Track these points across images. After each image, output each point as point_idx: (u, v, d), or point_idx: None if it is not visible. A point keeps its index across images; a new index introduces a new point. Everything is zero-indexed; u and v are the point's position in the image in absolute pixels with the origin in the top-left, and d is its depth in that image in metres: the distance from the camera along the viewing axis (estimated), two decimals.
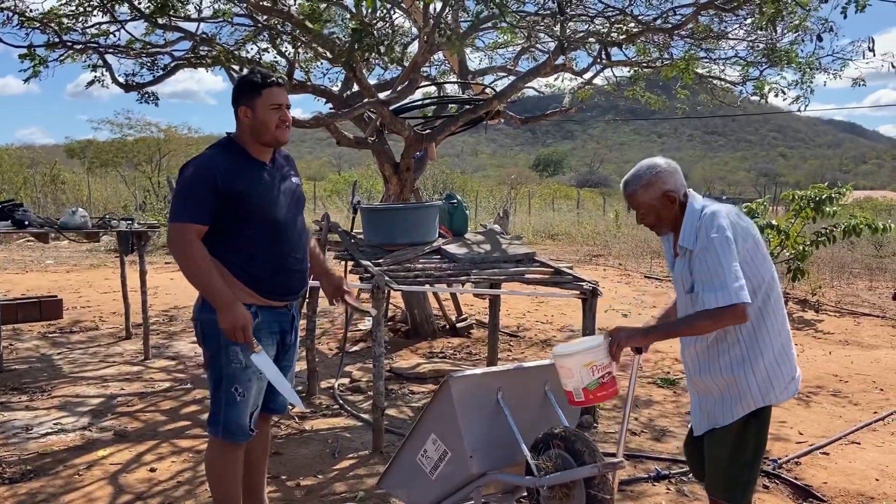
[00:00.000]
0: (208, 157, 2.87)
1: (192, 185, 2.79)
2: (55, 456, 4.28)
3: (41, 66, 6.43)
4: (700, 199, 2.63)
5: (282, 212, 2.94)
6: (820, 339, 8.13)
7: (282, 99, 2.89)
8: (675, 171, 2.64)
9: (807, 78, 7.44)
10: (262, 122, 2.87)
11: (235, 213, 2.82)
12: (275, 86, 2.88)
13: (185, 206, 2.78)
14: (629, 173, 2.70)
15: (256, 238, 2.87)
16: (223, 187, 2.78)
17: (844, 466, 4.30)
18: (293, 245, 2.99)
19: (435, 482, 2.97)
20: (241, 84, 2.93)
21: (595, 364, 2.67)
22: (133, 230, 6.45)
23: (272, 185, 2.94)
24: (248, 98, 2.87)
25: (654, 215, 2.65)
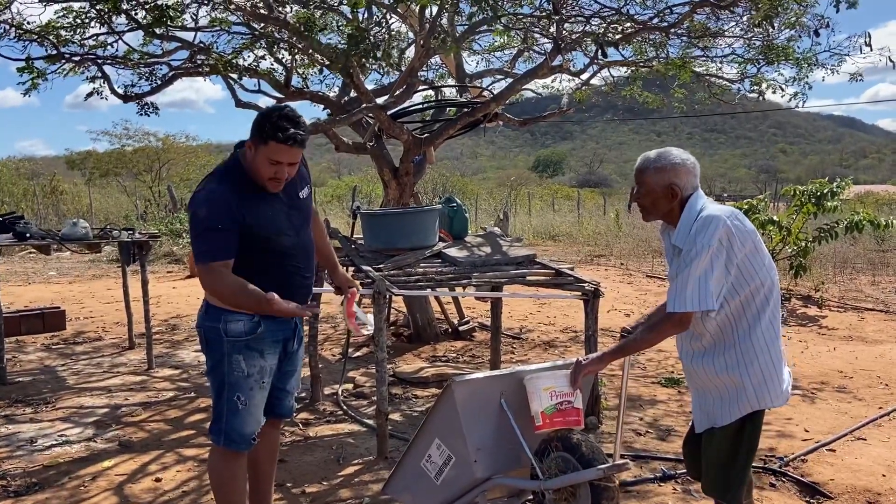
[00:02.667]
0: (219, 193, 2.80)
1: (211, 225, 2.76)
2: (60, 468, 4.28)
3: (39, 78, 6.43)
4: (703, 201, 2.63)
5: (289, 238, 2.94)
6: (824, 335, 8.11)
7: (284, 157, 2.80)
8: (691, 171, 2.65)
9: (804, 74, 7.44)
10: (256, 168, 2.83)
11: (244, 243, 2.81)
12: (282, 143, 2.76)
13: (210, 247, 2.77)
14: (654, 152, 2.73)
15: (262, 264, 2.87)
16: (238, 223, 2.78)
17: (851, 463, 4.29)
18: (299, 265, 2.99)
19: (440, 487, 2.97)
20: (259, 120, 2.83)
21: (555, 390, 2.75)
22: (134, 240, 6.46)
23: (277, 215, 2.91)
24: (257, 138, 2.81)
25: (651, 200, 2.67)
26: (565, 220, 24.73)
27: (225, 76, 6.53)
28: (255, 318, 2.87)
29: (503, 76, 8.69)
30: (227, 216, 2.75)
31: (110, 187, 28.35)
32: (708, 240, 2.46)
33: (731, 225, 2.49)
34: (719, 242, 2.47)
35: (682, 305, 2.48)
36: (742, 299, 2.55)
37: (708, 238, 2.46)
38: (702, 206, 2.58)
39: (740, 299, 2.55)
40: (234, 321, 2.86)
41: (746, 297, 2.55)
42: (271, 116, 2.80)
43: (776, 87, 7.76)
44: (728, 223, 2.49)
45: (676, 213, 2.65)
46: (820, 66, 7.59)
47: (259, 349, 2.90)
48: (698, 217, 2.54)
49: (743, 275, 2.53)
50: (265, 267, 2.86)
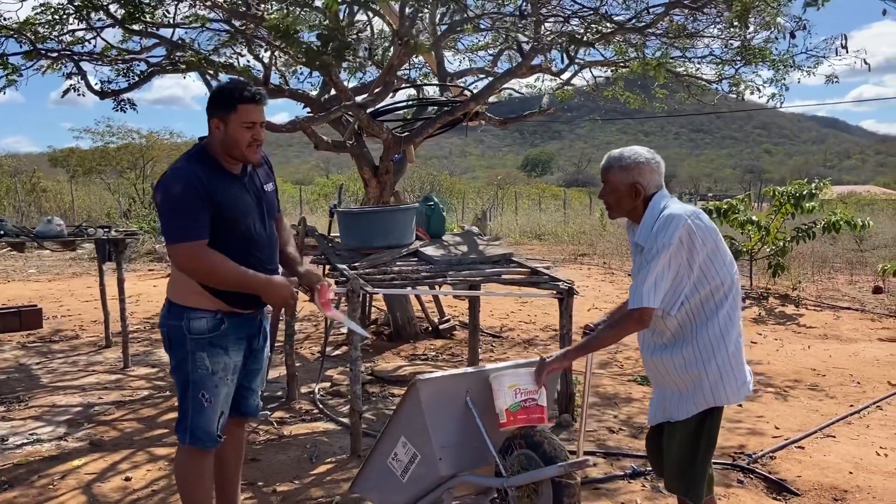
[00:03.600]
0: (190, 170, 2.80)
1: (184, 202, 2.74)
2: (30, 466, 4.25)
3: (15, 74, 6.38)
4: (666, 200, 2.65)
5: (255, 225, 2.92)
6: (800, 334, 8.18)
7: (256, 116, 2.82)
8: (655, 170, 2.67)
9: (780, 75, 7.50)
10: (232, 139, 2.81)
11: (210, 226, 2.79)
12: (251, 102, 2.80)
13: (185, 224, 2.74)
14: (617, 150, 2.76)
15: (227, 251, 2.83)
16: (211, 201, 2.76)
17: (819, 460, 4.34)
18: (263, 256, 2.97)
19: (406, 485, 2.98)
20: (217, 95, 2.86)
21: (519, 387, 2.78)
22: (110, 238, 6.42)
23: (245, 199, 2.91)
24: (222, 111, 2.81)
25: (616, 197, 2.71)
26: (551, 219, 24.81)
27: (202, 73, 6.50)
28: (217, 314, 2.86)
29: (485, 75, 8.71)
30: (201, 192, 2.73)
31: (94, 185, 28.15)
32: (668, 238, 2.48)
33: (691, 224, 2.51)
34: (679, 241, 2.49)
35: (639, 302, 2.50)
36: (702, 297, 2.57)
37: (668, 237, 2.48)
38: (664, 205, 2.61)
39: (700, 297, 2.57)
40: (196, 319, 2.85)
41: (706, 295, 2.57)
42: (227, 86, 2.89)
43: (753, 87, 7.82)
44: (689, 222, 2.51)
45: (640, 211, 2.67)
46: (796, 68, 7.64)
47: (223, 346, 2.89)
48: (660, 216, 2.56)
49: (704, 273, 2.55)
50: (231, 254, 2.83)
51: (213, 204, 2.76)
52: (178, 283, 2.89)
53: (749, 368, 2.73)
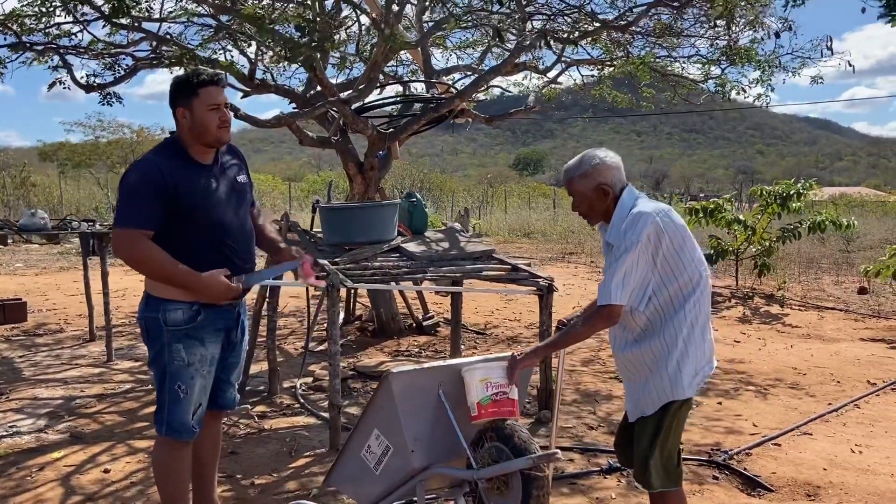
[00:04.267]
0: (152, 161, 2.83)
1: (137, 190, 2.76)
2: (7, 458, 4.25)
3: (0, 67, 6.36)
4: (633, 197, 2.68)
5: (226, 215, 2.93)
6: (783, 333, 8.24)
7: (220, 98, 2.86)
8: (615, 167, 2.70)
9: (766, 76, 7.55)
10: (201, 124, 2.84)
11: (178, 218, 2.80)
12: (211, 85, 2.84)
13: (130, 212, 2.77)
14: (572, 161, 2.79)
15: (200, 242, 2.86)
16: (167, 192, 2.76)
17: (795, 457, 4.38)
18: (238, 247, 2.98)
19: (379, 477, 2.99)
20: (177, 84, 2.89)
21: (490, 381, 2.80)
22: (94, 231, 6.41)
23: (216, 189, 2.92)
24: (185, 99, 2.84)
25: (587, 205, 2.73)
26: (541, 217, 24.86)
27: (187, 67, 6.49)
28: (194, 306, 2.87)
29: (472, 73, 8.72)
30: (157, 183, 2.75)
31: (84, 179, 28.03)
32: (636, 236, 2.51)
33: (659, 221, 2.54)
34: (647, 238, 2.52)
35: (608, 299, 2.53)
36: (670, 293, 2.60)
37: (636, 234, 2.51)
38: (633, 204, 2.63)
39: (669, 293, 2.60)
40: (172, 310, 2.86)
41: (674, 291, 2.60)
42: (185, 74, 2.92)
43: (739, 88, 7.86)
44: (657, 220, 2.54)
45: (612, 212, 2.70)
46: (782, 69, 7.70)
47: (199, 338, 2.90)
48: (629, 213, 2.59)
49: (671, 269, 2.58)
50: (200, 244, 2.85)
51: (176, 194, 2.77)
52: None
53: (714, 363, 2.76)
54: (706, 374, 2.71)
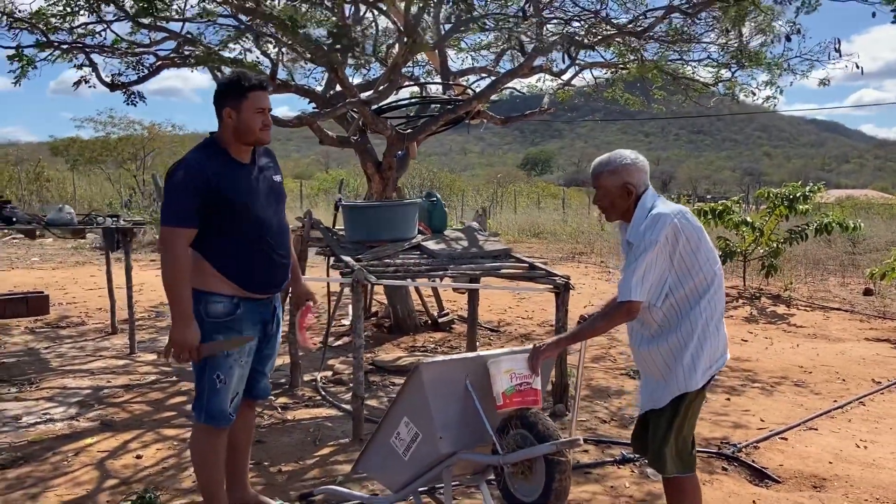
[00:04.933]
0: (197, 161, 2.99)
1: (182, 189, 2.92)
2: (44, 444, 4.43)
3: (29, 66, 6.53)
4: (653, 199, 2.83)
5: (265, 211, 3.10)
6: (789, 333, 8.37)
7: (265, 103, 3.04)
8: (642, 169, 2.85)
9: (775, 78, 7.68)
10: (246, 125, 3.00)
11: (222, 214, 2.96)
12: (259, 89, 3.01)
13: (176, 210, 2.93)
14: (604, 156, 2.94)
15: (242, 237, 3.02)
16: (211, 190, 2.92)
17: (801, 451, 4.53)
18: (276, 241, 3.15)
19: (408, 463, 3.15)
20: (227, 85, 3.05)
21: (514, 372, 2.95)
22: (118, 227, 6.59)
23: (256, 187, 3.09)
24: (233, 100, 2.99)
25: (610, 200, 2.88)
26: (550, 218, 24.97)
27: (211, 67, 6.66)
28: (234, 299, 3.04)
29: (487, 74, 8.87)
30: (202, 182, 2.90)
31: (94, 175, 28.27)
32: (655, 236, 2.66)
33: (677, 222, 2.70)
34: (665, 238, 2.67)
35: (628, 295, 2.68)
36: (686, 290, 2.75)
37: (656, 234, 2.67)
38: (652, 205, 2.79)
39: (685, 291, 2.75)
40: (213, 303, 3.02)
41: (690, 289, 2.75)
42: (235, 77, 3.06)
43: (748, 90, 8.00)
44: (675, 221, 2.70)
45: (632, 211, 2.85)
46: (790, 72, 7.82)
47: (238, 329, 3.07)
48: (649, 214, 2.75)
49: (687, 268, 2.74)
50: (242, 240, 3.01)
51: (218, 192, 2.93)
52: (197, 269, 3.04)
53: (726, 356, 2.91)
54: (719, 366, 2.86)
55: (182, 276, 2.92)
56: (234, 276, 3.03)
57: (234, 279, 3.03)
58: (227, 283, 3.03)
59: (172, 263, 2.92)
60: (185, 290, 2.92)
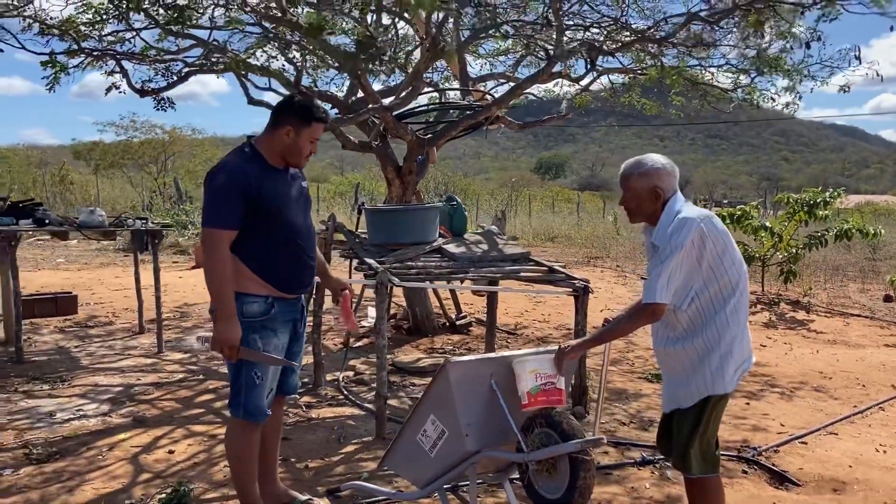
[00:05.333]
0: (237, 165, 3.13)
1: (225, 192, 3.06)
2: (78, 439, 4.56)
3: (62, 73, 6.71)
4: (680, 203, 2.91)
5: (297, 215, 3.26)
6: (809, 339, 8.39)
7: (319, 134, 3.25)
8: (672, 174, 2.93)
9: (794, 84, 7.71)
10: (298, 148, 3.19)
11: (258, 216, 3.10)
12: (321, 122, 3.22)
13: (219, 212, 3.06)
14: (634, 158, 3.03)
15: (275, 238, 3.17)
16: (251, 193, 3.06)
17: (821, 455, 4.57)
18: (305, 244, 3.29)
19: (434, 459, 3.25)
20: (297, 107, 3.21)
21: (539, 371, 3.05)
22: (147, 229, 6.74)
23: (288, 192, 3.25)
24: (298, 123, 3.16)
25: (637, 203, 2.97)
26: (565, 222, 25.03)
27: (238, 74, 6.81)
28: (269, 299, 3.17)
29: (506, 80, 8.96)
30: (243, 185, 3.05)
31: (116, 178, 28.64)
32: (682, 239, 2.74)
33: (703, 227, 2.77)
34: (691, 243, 2.75)
35: (652, 297, 2.76)
36: (711, 294, 2.83)
37: (682, 238, 2.74)
38: (679, 209, 2.86)
39: (710, 294, 2.83)
40: (249, 303, 3.14)
41: (715, 292, 2.83)
42: (307, 103, 3.23)
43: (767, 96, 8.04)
44: (701, 225, 2.77)
45: (658, 214, 2.93)
46: (810, 78, 7.85)
47: (273, 328, 3.20)
48: (675, 218, 2.82)
49: (713, 272, 2.81)
50: (278, 240, 3.16)
51: (257, 196, 3.07)
52: (233, 271, 3.15)
53: (752, 359, 2.98)
54: (745, 369, 2.93)
55: (226, 277, 3.04)
56: (268, 277, 3.16)
57: (268, 280, 3.16)
58: (261, 284, 3.15)
59: (217, 264, 3.05)
60: (229, 290, 3.05)
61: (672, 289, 2.76)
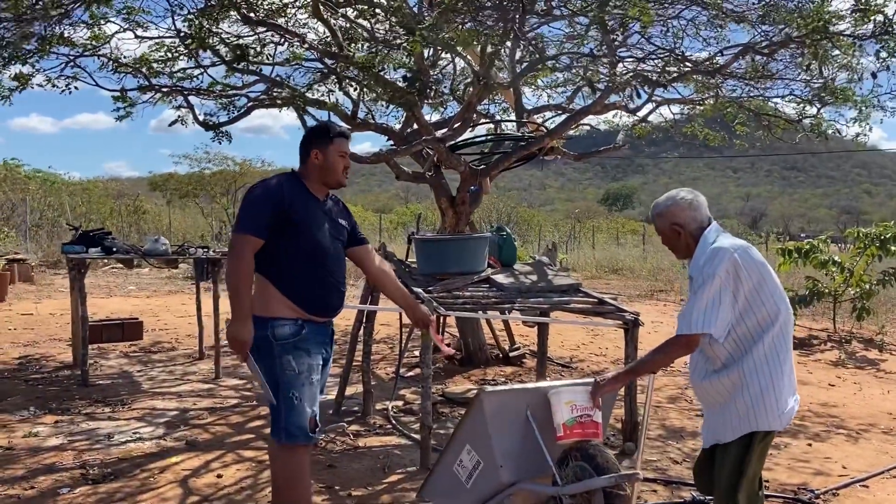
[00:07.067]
0: (276, 182, 3.32)
1: (258, 203, 3.23)
2: (133, 461, 4.71)
3: (131, 107, 7.07)
4: (716, 235, 2.85)
5: (324, 240, 3.34)
6: (881, 379, 7.99)
7: (346, 148, 3.40)
8: (688, 208, 2.88)
9: (864, 115, 7.46)
10: (331, 166, 3.34)
11: (286, 234, 3.22)
12: (343, 136, 3.39)
13: (248, 220, 3.21)
14: (661, 198, 2.99)
15: (301, 258, 3.26)
16: (283, 208, 3.20)
17: (882, 499, 4.34)
18: (332, 268, 3.37)
19: (470, 490, 3.23)
20: (317, 130, 3.46)
21: (575, 404, 3.01)
22: (208, 257, 6.96)
23: (320, 216, 3.36)
24: (321, 144, 3.35)
25: (666, 241, 2.97)
26: (629, 254, 24.62)
27: (298, 108, 7.03)
28: (298, 321, 3.24)
29: (561, 112, 8.96)
30: (277, 199, 3.19)
31: (189, 208, 29.71)
32: (713, 270, 2.69)
33: (737, 257, 2.71)
34: (726, 272, 2.69)
35: (687, 328, 2.71)
36: (749, 326, 2.75)
37: (713, 268, 2.69)
38: (714, 240, 2.81)
39: (747, 326, 2.75)
40: (279, 326, 3.22)
41: (753, 325, 2.75)
42: (323, 125, 3.53)
43: (835, 127, 7.80)
44: (735, 256, 2.71)
45: (693, 248, 2.88)
46: (880, 108, 7.59)
47: (305, 349, 3.26)
48: (709, 249, 2.77)
49: (749, 304, 2.73)
50: (306, 261, 3.25)
51: (289, 212, 3.21)
52: (261, 295, 3.27)
53: (797, 398, 2.86)
54: (793, 410, 2.81)
55: (245, 279, 3.16)
56: (296, 298, 3.25)
57: (296, 301, 3.25)
58: (290, 307, 3.24)
59: (237, 266, 3.17)
60: (245, 292, 3.16)
61: (707, 318, 2.68)
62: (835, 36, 6.01)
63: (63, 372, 7.15)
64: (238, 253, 3.18)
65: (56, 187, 24.28)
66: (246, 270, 3.17)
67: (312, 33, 7.72)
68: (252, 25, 7.11)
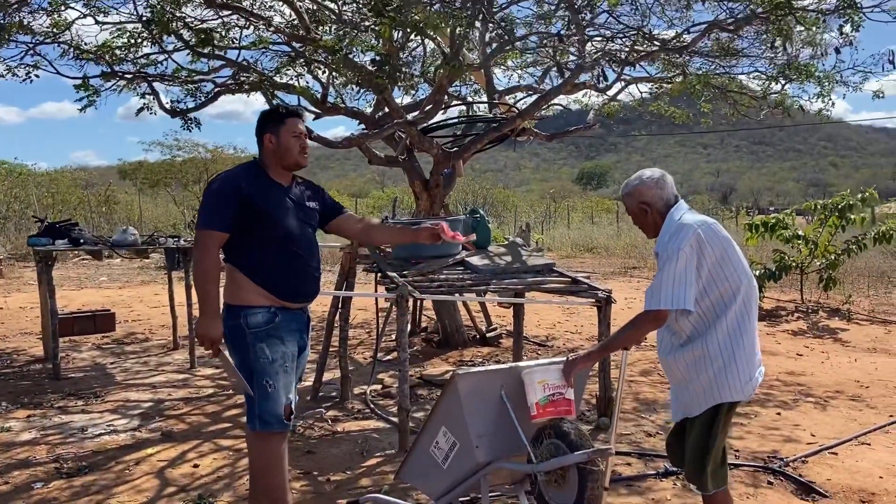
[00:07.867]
0: (233, 173, 3.29)
1: (217, 196, 3.19)
2: (107, 454, 4.68)
3: (95, 95, 6.93)
4: (682, 212, 2.89)
5: (293, 225, 3.30)
6: (847, 347, 8.18)
7: (301, 128, 3.32)
8: (654, 187, 2.92)
9: (826, 91, 7.56)
10: (285, 148, 3.27)
11: (253, 226, 3.19)
12: (295, 116, 3.32)
13: (209, 215, 3.18)
14: (626, 179, 3.03)
15: (273, 248, 3.23)
16: (243, 198, 3.16)
17: (851, 465, 4.45)
18: (304, 253, 3.33)
19: (447, 471, 3.25)
20: (267, 114, 3.36)
21: (547, 382, 3.03)
22: (179, 247, 6.90)
23: (285, 203, 3.31)
24: (273, 127, 3.28)
25: (636, 220, 3.01)
26: (604, 232, 24.81)
27: (266, 92, 6.95)
28: (271, 309, 3.22)
29: (532, 92, 8.97)
30: (235, 191, 3.16)
31: (160, 197, 29.31)
32: (678, 245, 2.73)
33: (701, 232, 2.75)
34: (690, 247, 2.73)
35: (655, 304, 2.74)
36: (712, 300, 2.80)
37: (678, 243, 2.73)
38: (679, 217, 2.85)
39: (710, 300, 2.80)
40: (252, 314, 3.20)
41: (716, 298, 2.79)
42: (274, 107, 3.44)
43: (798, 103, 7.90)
44: (699, 231, 2.75)
45: (660, 226, 2.92)
46: (843, 84, 7.69)
47: (279, 336, 3.24)
48: (673, 226, 2.81)
49: (713, 277, 2.78)
50: (277, 249, 3.23)
51: (251, 202, 3.17)
52: (233, 285, 3.25)
53: (762, 369, 2.92)
54: (757, 381, 2.87)
55: (211, 274, 3.15)
56: (268, 286, 3.22)
57: (268, 288, 3.22)
58: (262, 295, 3.21)
59: (203, 262, 3.17)
60: (212, 288, 3.15)
61: (675, 294, 2.72)
62: (799, 11, 6.07)
63: (34, 366, 7.07)
64: (203, 249, 3.17)
65: (23, 178, 23.80)
66: (212, 266, 3.16)
67: (279, 16, 7.62)
68: (216, 9, 7.01)
